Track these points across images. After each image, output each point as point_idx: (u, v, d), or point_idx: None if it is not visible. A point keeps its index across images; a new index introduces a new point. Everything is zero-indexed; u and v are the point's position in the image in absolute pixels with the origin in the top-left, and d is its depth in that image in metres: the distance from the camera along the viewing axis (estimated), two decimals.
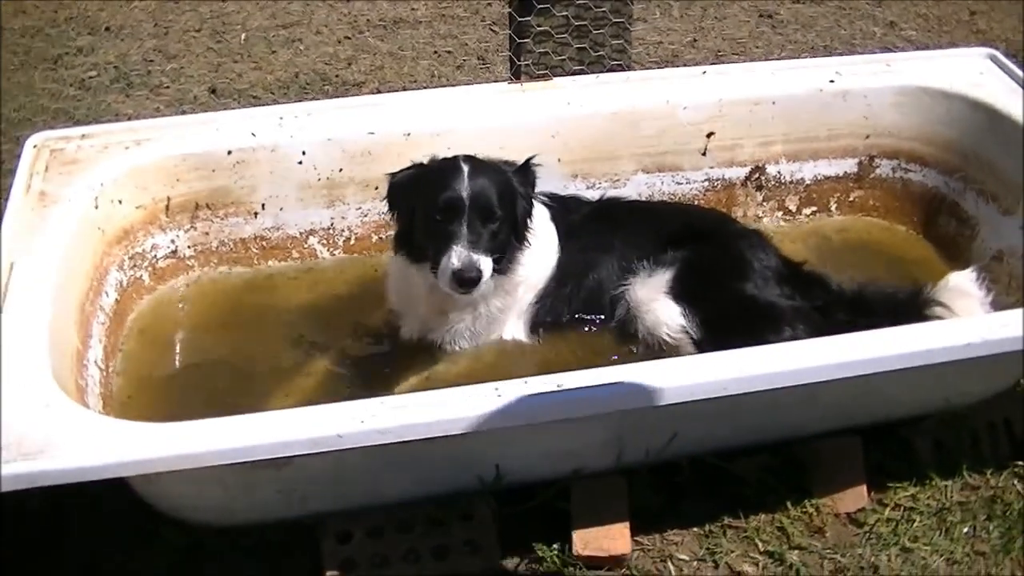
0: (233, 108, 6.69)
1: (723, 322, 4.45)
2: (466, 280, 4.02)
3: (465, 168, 4.16)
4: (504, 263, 4.29)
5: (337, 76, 7.44)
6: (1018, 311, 3.96)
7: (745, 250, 4.70)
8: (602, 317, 4.70)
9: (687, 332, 4.49)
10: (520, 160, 4.43)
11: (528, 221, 4.40)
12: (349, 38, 7.94)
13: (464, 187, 4.10)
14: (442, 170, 4.22)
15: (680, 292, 4.55)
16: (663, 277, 4.58)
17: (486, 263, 4.07)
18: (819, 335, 4.18)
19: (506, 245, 4.29)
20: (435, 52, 7.77)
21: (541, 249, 4.51)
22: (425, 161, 4.35)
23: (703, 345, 4.42)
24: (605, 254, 4.72)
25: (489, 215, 4.13)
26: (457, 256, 4.01)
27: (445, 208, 4.09)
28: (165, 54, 7.65)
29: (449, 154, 4.33)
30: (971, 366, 3.91)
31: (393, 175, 4.38)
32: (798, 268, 4.79)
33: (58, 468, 3.25)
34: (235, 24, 8.07)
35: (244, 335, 4.74)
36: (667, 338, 4.51)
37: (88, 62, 7.54)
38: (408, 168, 4.37)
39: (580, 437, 3.92)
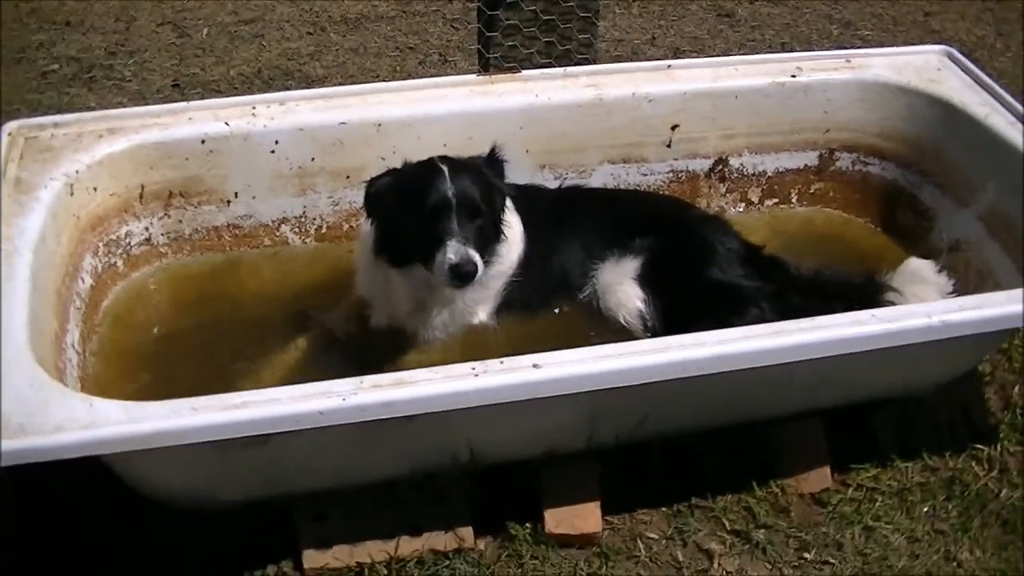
0: None
1: (690, 307, 4.51)
2: (464, 273, 4.04)
3: (445, 168, 4.17)
4: (487, 256, 4.32)
5: (300, 71, 7.47)
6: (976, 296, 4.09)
7: (709, 235, 4.79)
8: (566, 298, 4.77)
9: (643, 318, 4.58)
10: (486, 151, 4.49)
11: (504, 213, 4.45)
12: (311, 34, 7.98)
13: (448, 187, 4.11)
14: (422, 173, 4.23)
15: (647, 279, 4.62)
16: (632, 265, 4.65)
17: (479, 257, 4.10)
18: (783, 315, 4.28)
19: (490, 239, 4.34)
20: (397, 48, 7.83)
21: (511, 238, 4.54)
22: (399, 166, 4.36)
23: (657, 333, 4.47)
24: (568, 241, 4.78)
25: (475, 211, 4.17)
26: (454, 251, 4.03)
27: (433, 210, 4.10)
28: (127, 49, 7.66)
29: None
30: (930, 350, 3.99)
31: (369, 184, 4.38)
32: (758, 252, 4.88)
33: (48, 445, 3.27)
34: (197, 19, 8.09)
35: (217, 321, 4.78)
36: (623, 320, 4.60)
37: (50, 56, 7.54)
38: (383, 175, 4.37)
39: (553, 417, 3.97)
